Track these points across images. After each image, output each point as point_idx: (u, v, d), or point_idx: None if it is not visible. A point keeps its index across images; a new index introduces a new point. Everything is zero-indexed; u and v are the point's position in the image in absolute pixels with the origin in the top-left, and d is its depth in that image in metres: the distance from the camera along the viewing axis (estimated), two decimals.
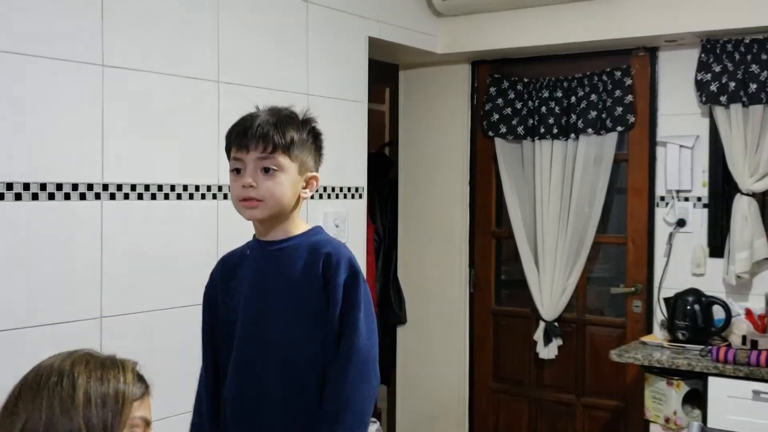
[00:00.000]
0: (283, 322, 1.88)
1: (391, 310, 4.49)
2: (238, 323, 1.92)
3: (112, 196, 2.60)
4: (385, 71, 4.49)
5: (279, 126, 1.85)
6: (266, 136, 1.83)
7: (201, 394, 1.99)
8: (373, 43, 3.75)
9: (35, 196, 2.38)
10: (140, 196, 2.69)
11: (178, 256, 2.82)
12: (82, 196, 2.51)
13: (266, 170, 1.85)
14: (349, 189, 3.61)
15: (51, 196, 2.43)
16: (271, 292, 1.90)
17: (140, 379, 1.41)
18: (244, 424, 1.90)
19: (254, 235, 1.99)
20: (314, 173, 1.94)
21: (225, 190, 2.99)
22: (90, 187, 2.54)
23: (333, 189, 3.52)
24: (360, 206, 3.68)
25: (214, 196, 2.95)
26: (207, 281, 2.04)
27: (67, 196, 2.47)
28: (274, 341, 1.88)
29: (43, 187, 2.40)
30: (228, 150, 1.91)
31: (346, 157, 3.59)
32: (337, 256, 1.87)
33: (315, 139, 1.95)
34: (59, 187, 2.45)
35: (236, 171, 1.88)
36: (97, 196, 2.55)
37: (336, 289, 1.85)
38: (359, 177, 3.67)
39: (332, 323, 1.85)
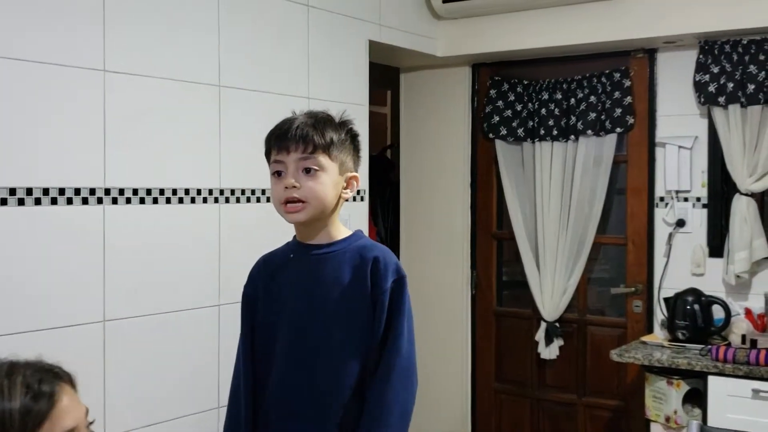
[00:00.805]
0: (330, 326, 1.87)
1: None
2: (282, 327, 1.91)
3: (115, 201, 2.62)
4: (386, 74, 4.52)
5: (318, 127, 1.87)
6: (306, 136, 1.85)
7: (238, 397, 1.97)
8: (374, 47, 3.77)
9: (38, 201, 2.41)
10: (142, 201, 2.72)
11: (181, 260, 2.84)
12: (85, 201, 2.54)
13: (307, 171, 1.86)
14: None
15: (53, 201, 2.45)
16: (319, 296, 1.89)
17: (36, 397, 1.24)
18: (288, 425, 1.90)
19: (295, 237, 1.98)
20: (354, 173, 1.96)
21: (227, 194, 3.01)
22: (92, 191, 2.56)
23: None
24: (362, 209, 3.70)
25: (216, 200, 2.97)
26: (246, 282, 2.03)
27: (69, 201, 2.49)
28: (322, 345, 1.88)
29: (45, 191, 2.43)
30: (268, 154, 1.92)
31: None
32: (385, 261, 1.88)
33: (353, 139, 1.96)
34: (62, 191, 2.47)
35: (277, 174, 1.89)
36: (100, 201, 2.58)
37: (383, 293, 1.86)
38: (361, 179, 3.67)
39: (377, 327, 1.86)
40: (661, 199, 3.89)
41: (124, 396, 2.63)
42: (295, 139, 1.85)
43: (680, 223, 3.82)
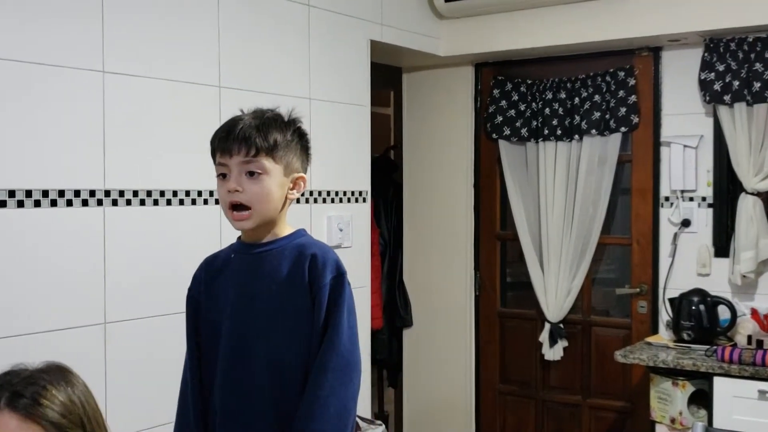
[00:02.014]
0: (269, 324, 1.87)
1: (397, 312, 4.49)
2: (223, 325, 1.92)
3: (114, 203, 2.61)
4: (388, 74, 4.50)
5: (261, 129, 1.85)
6: (248, 139, 1.83)
7: (186, 402, 1.97)
8: (376, 47, 3.75)
9: (37, 203, 2.39)
10: (142, 202, 2.70)
11: (181, 262, 2.81)
12: (84, 203, 2.52)
13: (251, 174, 1.85)
14: (353, 193, 3.61)
15: (53, 203, 2.44)
16: (257, 294, 1.89)
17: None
18: (233, 423, 1.90)
19: (239, 237, 1.99)
20: (301, 174, 1.94)
21: None
22: (92, 193, 2.55)
23: (337, 193, 3.53)
24: (364, 210, 3.69)
25: (217, 202, 2.95)
26: (190, 283, 2.03)
27: (69, 203, 2.48)
28: (260, 342, 1.87)
29: (45, 193, 2.41)
30: (213, 155, 1.91)
31: (349, 161, 3.60)
32: (323, 258, 1.87)
33: (300, 139, 1.94)
34: (61, 193, 2.46)
35: (222, 176, 1.88)
36: (99, 203, 2.56)
37: (321, 289, 1.85)
38: (363, 181, 3.67)
39: (315, 323, 1.85)
40: (666, 198, 3.86)
41: (124, 398, 2.62)
42: (237, 142, 1.84)
43: (685, 223, 3.79)
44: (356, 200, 3.63)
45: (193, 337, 1.99)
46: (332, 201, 3.50)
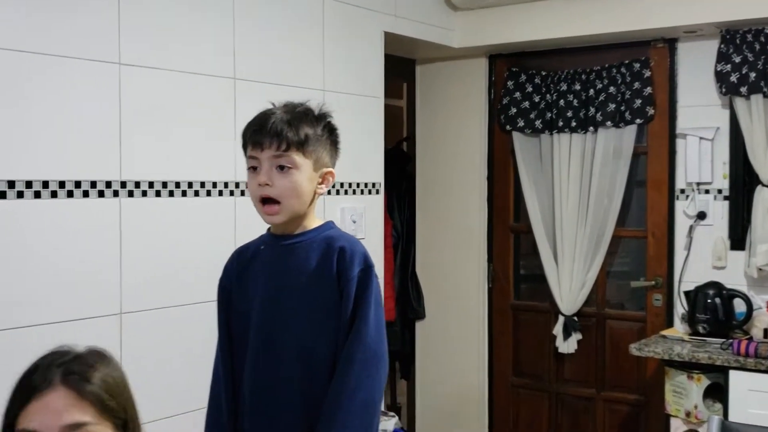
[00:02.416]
0: (298, 315, 1.89)
1: (410, 305, 4.49)
2: (253, 316, 1.94)
3: (131, 194, 2.62)
4: (402, 66, 4.48)
5: (293, 123, 1.87)
6: (280, 134, 1.85)
7: (218, 387, 2.00)
8: (390, 38, 3.74)
9: (54, 194, 2.40)
10: (158, 194, 2.71)
11: (197, 253, 2.83)
12: (101, 194, 2.53)
13: (281, 168, 1.86)
14: (366, 185, 3.61)
15: (70, 194, 2.44)
16: (286, 285, 1.91)
17: (19, 389, 1.29)
18: (261, 414, 1.92)
19: (268, 229, 2.00)
20: (330, 168, 1.96)
21: (242, 187, 3.00)
22: (108, 184, 2.55)
23: (350, 185, 3.52)
24: (377, 202, 3.68)
25: (232, 193, 2.96)
26: (221, 274, 2.05)
27: (85, 194, 2.48)
28: (289, 334, 1.89)
29: (61, 184, 2.42)
30: (244, 148, 1.93)
31: (362, 153, 3.59)
32: (351, 251, 1.89)
33: (330, 134, 1.96)
34: (78, 184, 2.46)
35: (252, 169, 1.90)
36: (116, 194, 2.57)
37: (349, 282, 1.87)
38: (376, 172, 3.67)
39: (343, 315, 1.86)
40: (682, 191, 3.84)
41: (140, 388, 2.61)
42: (269, 136, 1.85)
43: (701, 216, 3.77)
44: (369, 192, 3.63)
45: (224, 326, 2.00)
46: (345, 193, 3.50)
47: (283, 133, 1.85)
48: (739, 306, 3.52)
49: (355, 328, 1.85)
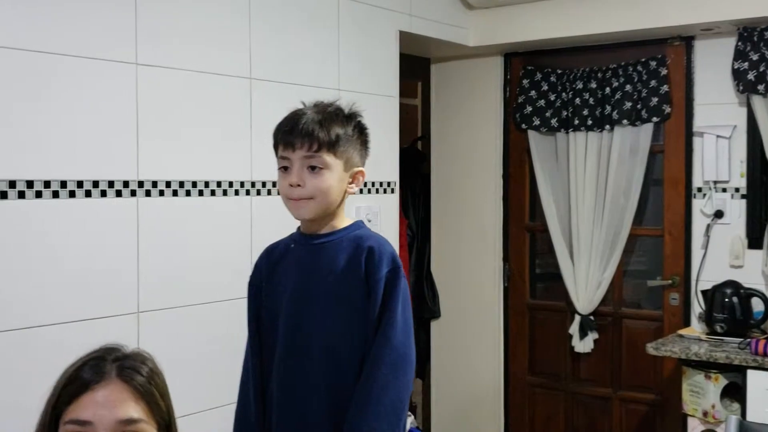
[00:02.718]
0: (326, 314, 1.90)
1: (425, 304, 4.49)
2: (281, 314, 1.95)
3: (148, 193, 2.63)
4: (416, 65, 4.48)
5: (324, 123, 1.87)
6: (312, 134, 1.85)
7: (247, 383, 2.01)
8: (405, 37, 3.74)
9: (72, 194, 2.42)
10: (175, 193, 2.72)
11: (213, 252, 2.85)
12: (118, 194, 2.54)
13: (312, 168, 1.87)
14: (381, 184, 3.61)
15: (87, 194, 2.46)
16: (315, 284, 1.92)
17: (69, 381, 1.29)
18: (288, 412, 1.93)
19: (298, 228, 2.01)
20: (360, 168, 1.97)
21: (258, 186, 3.01)
22: (126, 184, 2.57)
23: (365, 184, 3.51)
24: (392, 201, 3.68)
25: (248, 192, 2.97)
26: (252, 271, 2.06)
27: (103, 194, 2.50)
28: (317, 332, 1.90)
29: (79, 184, 2.44)
30: (275, 147, 1.94)
31: (377, 152, 3.53)
32: (380, 251, 1.90)
33: (360, 133, 1.97)
34: (95, 184, 2.48)
35: (284, 169, 1.91)
36: (133, 194, 2.58)
37: (377, 282, 1.87)
38: (391, 172, 3.67)
39: (371, 315, 1.87)
40: (699, 189, 3.82)
41: None
42: (300, 136, 1.86)
43: (718, 214, 3.75)
44: (384, 191, 3.63)
45: (254, 323, 2.02)
46: (360, 192, 3.49)
47: (315, 133, 1.86)
48: (756, 305, 3.50)
49: (382, 330, 1.85)
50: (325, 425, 1.89)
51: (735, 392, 3.28)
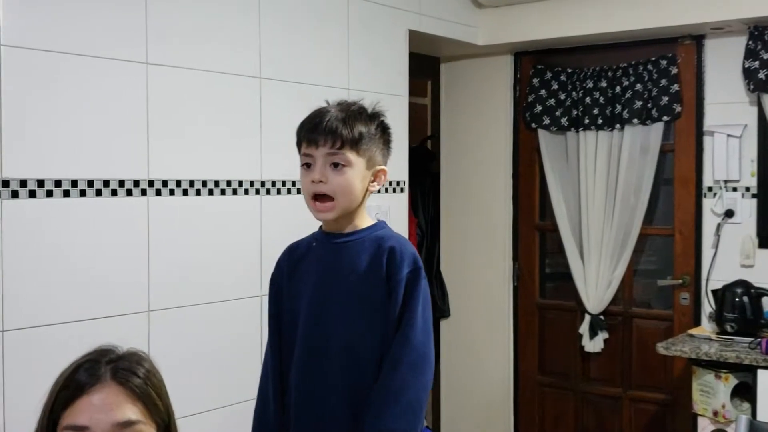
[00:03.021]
0: (346, 313, 1.90)
1: (435, 303, 4.49)
2: (302, 313, 1.95)
3: (158, 192, 2.64)
4: (426, 64, 4.48)
5: (347, 121, 1.88)
6: (335, 131, 1.86)
7: (267, 380, 2.01)
8: (414, 36, 3.74)
9: (83, 193, 2.43)
10: (185, 192, 2.73)
11: (224, 251, 2.86)
12: (129, 193, 2.56)
13: (335, 165, 1.88)
14: (390, 183, 3.61)
15: (98, 193, 2.47)
16: (336, 283, 1.93)
17: (64, 386, 1.27)
18: (307, 411, 1.93)
19: (321, 227, 2.01)
20: (382, 167, 1.97)
21: (268, 186, 3.01)
22: (136, 183, 2.58)
23: None
24: (402, 200, 3.68)
25: (257, 192, 2.98)
26: (273, 269, 2.06)
27: (113, 193, 2.51)
28: (337, 331, 1.90)
29: (90, 183, 2.45)
30: (298, 145, 1.94)
31: None
32: (401, 251, 1.90)
33: (383, 132, 1.97)
34: (106, 183, 2.49)
35: (306, 166, 1.91)
36: (143, 193, 2.60)
37: (398, 283, 1.88)
38: (400, 171, 3.67)
39: (391, 315, 1.88)
40: (709, 188, 3.81)
41: (168, 385, 2.64)
42: (324, 134, 1.87)
43: (729, 214, 3.74)
44: (394, 190, 3.63)
45: (274, 321, 2.02)
46: None
47: (338, 130, 1.86)
48: (767, 305, 3.48)
49: (402, 330, 1.86)
50: (343, 424, 1.90)
51: (745, 392, 3.27)
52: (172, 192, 2.68)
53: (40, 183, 2.33)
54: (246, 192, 2.94)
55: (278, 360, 1.99)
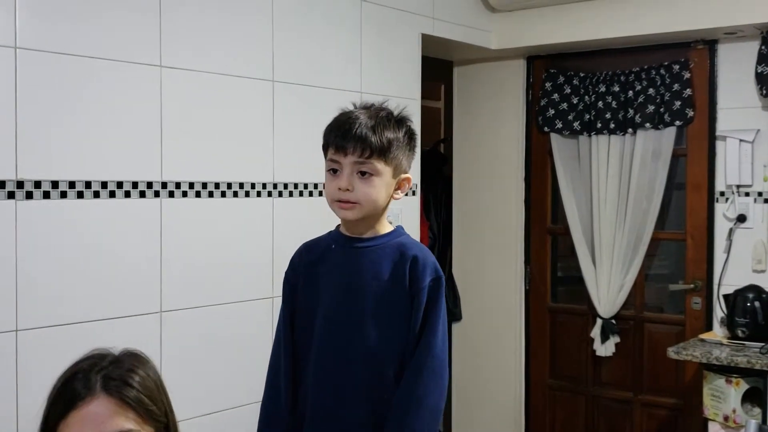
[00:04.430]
0: (366, 319, 1.90)
1: (447, 307, 4.48)
2: (319, 315, 1.95)
3: (171, 194, 2.67)
4: (439, 68, 4.50)
5: (377, 129, 1.87)
6: (365, 140, 1.85)
7: (277, 378, 2.00)
8: (427, 40, 3.75)
9: (96, 194, 2.46)
10: (198, 194, 2.75)
11: (236, 253, 2.88)
12: (142, 194, 2.58)
13: (362, 174, 1.87)
14: None
15: (112, 194, 2.50)
16: (357, 288, 1.92)
17: (56, 398, 1.28)
18: (323, 414, 1.93)
19: (338, 227, 2.01)
20: (407, 175, 1.97)
21: (280, 188, 3.04)
22: (149, 185, 2.60)
23: None
24: (414, 203, 3.70)
25: (270, 194, 3.00)
26: (287, 268, 2.05)
27: (127, 194, 2.54)
28: (356, 336, 1.90)
29: (104, 185, 2.48)
30: (325, 149, 1.93)
31: None
32: (424, 261, 1.91)
33: (410, 139, 1.97)
34: (120, 185, 2.52)
35: (332, 171, 1.91)
36: (156, 194, 2.62)
37: (420, 291, 1.89)
38: (413, 174, 3.66)
39: (413, 323, 1.88)
40: (722, 193, 3.80)
41: (179, 386, 2.66)
42: (353, 142, 1.85)
43: (741, 219, 3.73)
44: (406, 193, 3.63)
45: (288, 320, 2.01)
46: None
47: (368, 139, 1.85)
48: None
49: (425, 338, 1.88)
50: (360, 428, 1.90)
51: (756, 397, 3.26)
52: (185, 194, 2.71)
53: (54, 184, 2.36)
54: (258, 194, 2.96)
55: (291, 360, 1.99)
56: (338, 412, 1.92)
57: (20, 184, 2.29)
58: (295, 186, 3.09)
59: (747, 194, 3.73)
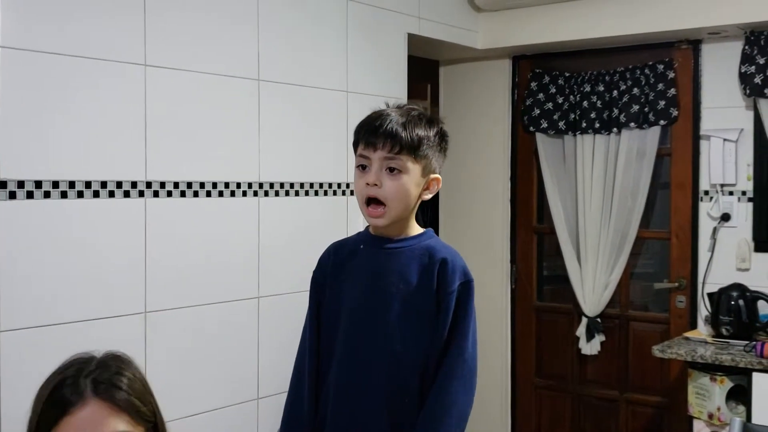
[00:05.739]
0: (392, 321, 1.89)
1: None
2: (345, 315, 1.94)
3: (156, 194, 2.65)
4: (425, 67, 4.50)
5: (408, 126, 1.87)
6: (395, 136, 1.85)
7: (302, 378, 1.99)
8: (413, 40, 3.76)
9: (80, 194, 2.44)
10: (183, 194, 2.74)
11: (221, 253, 2.87)
12: (126, 194, 2.57)
13: (391, 170, 1.86)
14: None
15: (96, 194, 2.49)
16: (384, 290, 1.90)
17: (46, 406, 1.27)
18: (345, 414, 1.92)
19: (367, 227, 2.00)
20: (436, 175, 1.95)
21: (266, 187, 3.03)
22: (134, 184, 2.59)
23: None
24: None
25: (255, 194, 2.99)
26: (315, 268, 2.04)
27: (111, 194, 2.52)
28: (381, 338, 1.89)
29: (88, 185, 2.46)
30: (355, 145, 1.93)
31: None
32: (453, 264, 1.90)
33: (441, 140, 1.96)
34: (104, 184, 2.51)
35: (362, 167, 1.90)
36: (141, 194, 2.61)
37: (449, 295, 1.88)
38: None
39: (441, 327, 1.88)
40: (706, 192, 3.83)
41: (164, 387, 2.66)
42: (383, 137, 1.85)
43: (725, 217, 3.76)
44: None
45: (314, 320, 2.00)
46: None
47: (398, 134, 1.85)
48: (763, 308, 3.50)
49: (456, 343, 1.87)
50: (381, 429, 1.89)
51: (740, 395, 3.28)
52: (169, 193, 2.69)
53: (38, 184, 2.35)
54: (244, 194, 2.95)
55: (315, 361, 1.97)
56: (359, 413, 1.90)
57: (3, 184, 2.27)
58: (281, 185, 3.09)
59: (731, 193, 3.75)
